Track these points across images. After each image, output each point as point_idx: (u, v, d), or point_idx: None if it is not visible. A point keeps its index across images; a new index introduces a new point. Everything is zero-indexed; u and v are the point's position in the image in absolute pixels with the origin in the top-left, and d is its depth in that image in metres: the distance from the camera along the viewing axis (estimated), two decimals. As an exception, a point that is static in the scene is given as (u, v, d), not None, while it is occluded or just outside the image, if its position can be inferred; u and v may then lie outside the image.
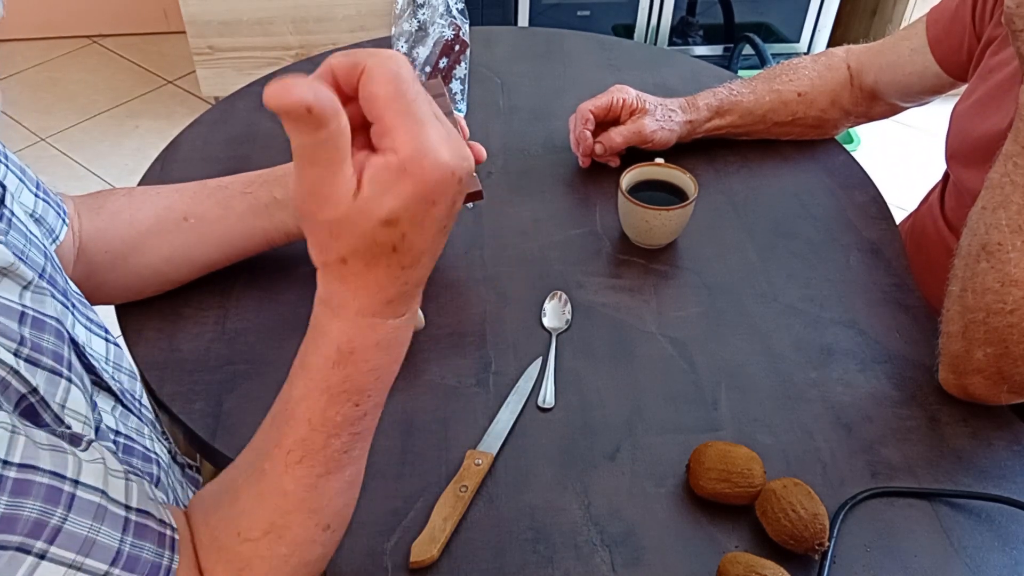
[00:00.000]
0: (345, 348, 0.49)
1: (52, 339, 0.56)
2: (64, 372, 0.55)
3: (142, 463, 0.65)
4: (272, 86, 0.38)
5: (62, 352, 0.56)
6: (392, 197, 0.43)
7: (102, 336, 0.69)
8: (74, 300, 0.66)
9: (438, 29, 1.10)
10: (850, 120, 1.10)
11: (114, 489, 0.49)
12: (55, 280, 0.64)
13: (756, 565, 0.62)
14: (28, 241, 0.63)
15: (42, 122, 2.51)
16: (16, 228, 0.63)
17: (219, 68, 2.36)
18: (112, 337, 0.70)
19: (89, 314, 0.68)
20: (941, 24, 0.97)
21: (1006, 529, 0.69)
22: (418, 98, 0.43)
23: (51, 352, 0.55)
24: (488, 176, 1.04)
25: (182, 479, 0.75)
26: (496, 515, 0.69)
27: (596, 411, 0.77)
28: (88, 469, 0.48)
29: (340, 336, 0.48)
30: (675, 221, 0.91)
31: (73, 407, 0.55)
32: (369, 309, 0.48)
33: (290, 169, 0.81)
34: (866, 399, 0.79)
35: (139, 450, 0.66)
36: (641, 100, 1.02)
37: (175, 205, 0.80)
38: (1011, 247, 0.72)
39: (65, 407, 0.54)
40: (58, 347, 0.56)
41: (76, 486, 0.47)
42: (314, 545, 0.54)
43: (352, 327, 0.48)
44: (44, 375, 0.53)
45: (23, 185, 0.70)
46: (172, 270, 0.82)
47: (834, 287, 0.90)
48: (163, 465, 0.69)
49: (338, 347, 0.49)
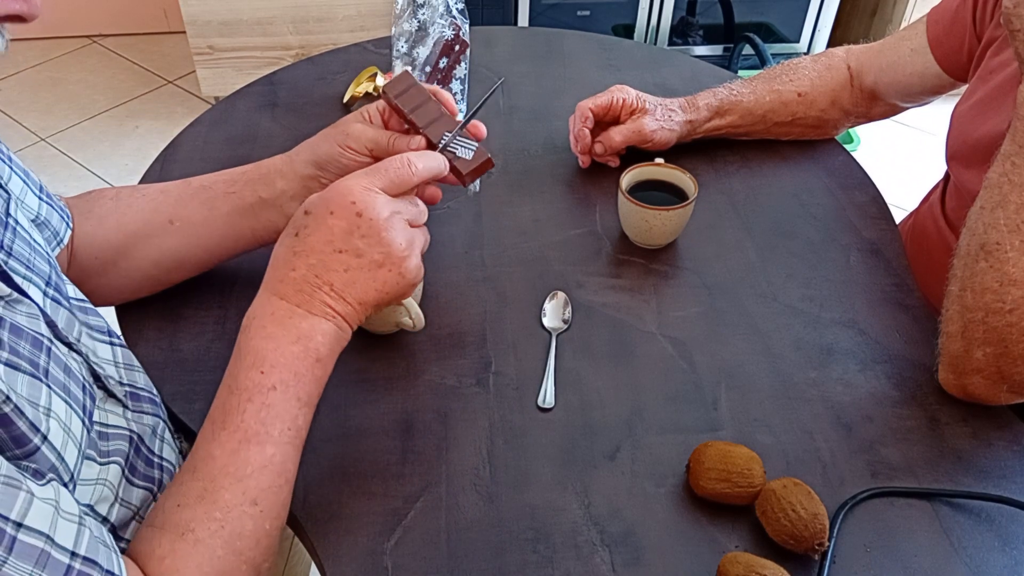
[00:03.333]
0: (248, 315, 0.62)
1: (28, 347, 0.54)
2: (41, 379, 0.54)
3: (145, 467, 0.65)
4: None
5: (38, 360, 0.54)
6: (315, 195, 0.63)
7: (107, 342, 0.68)
8: (77, 307, 0.66)
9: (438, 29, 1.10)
10: (850, 120, 1.10)
11: (62, 534, 0.48)
12: (60, 288, 0.64)
13: (756, 565, 0.62)
14: (32, 250, 0.63)
15: (42, 122, 2.51)
16: (20, 237, 0.62)
17: (219, 68, 2.36)
18: (117, 340, 0.70)
19: (90, 320, 0.67)
20: (942, 25, 0.97)
21: (1006, 529, 0.69)
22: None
23: (28, 359, 0.53)
24: (488, 176, 1.04)
25: None
26: (496, 515, 0.69)
27: (596, 411, 0.77)
28: (36, 510, 0.46)
29: (250, 307, 0.62)
30: (675, 221, 0.91)
31: (57, 412, 0.53)
32: (270, 286, 0.62)
33: (273, 165, 0.79)
34: (866, 399, 0.79)
35: (144, 453, 0.65)
36: (641, 100, 1.02)
37: (161, 208, 0.79)
38: (1009, 246, 0.72)
39: (50, 411, 0.53)
40: (35, 355, 0.54)
41: (19, 529, 0.45)
42: (244, 518, 0.57)
43: (257, 299, 0.62)
44: (26, 380, 0.52)
45: (27, 188, 0.70)
46: (162, 273, 0.82)
47: (834, 287, 0.90)
48: (167, 469, 0.68)
49: (246, 315, 0.62)
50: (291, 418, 0.60)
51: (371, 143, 0.75)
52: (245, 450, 0.58)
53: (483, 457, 0.73)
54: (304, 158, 0.78)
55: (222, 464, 0.58)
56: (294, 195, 0.78)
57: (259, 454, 0.58)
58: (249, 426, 0.58)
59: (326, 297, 0.61)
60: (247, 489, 0.57)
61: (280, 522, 0.61)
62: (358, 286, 0.62)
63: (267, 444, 0.58)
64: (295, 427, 0.60)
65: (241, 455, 0.58)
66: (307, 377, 0.61)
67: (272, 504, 0.59)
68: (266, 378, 0.59)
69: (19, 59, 2.74)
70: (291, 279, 0.61)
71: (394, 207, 0.64)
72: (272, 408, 0.59)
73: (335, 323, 0.62)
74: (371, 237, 0.62)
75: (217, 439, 0.58)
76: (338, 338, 0.63)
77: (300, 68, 1.24)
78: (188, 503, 0.57)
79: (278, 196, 0.78)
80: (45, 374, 0.54)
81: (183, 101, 2.61)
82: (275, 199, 0.78)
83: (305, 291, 0.61)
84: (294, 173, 0.78)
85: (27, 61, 2.73)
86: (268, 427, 0.59)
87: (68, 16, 2.80)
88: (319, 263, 0.61)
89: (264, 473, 0.58)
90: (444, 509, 0.69)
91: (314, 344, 0.61)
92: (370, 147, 0.75)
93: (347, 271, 0.61)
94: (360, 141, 0.75)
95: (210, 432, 0.59)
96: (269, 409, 0.59)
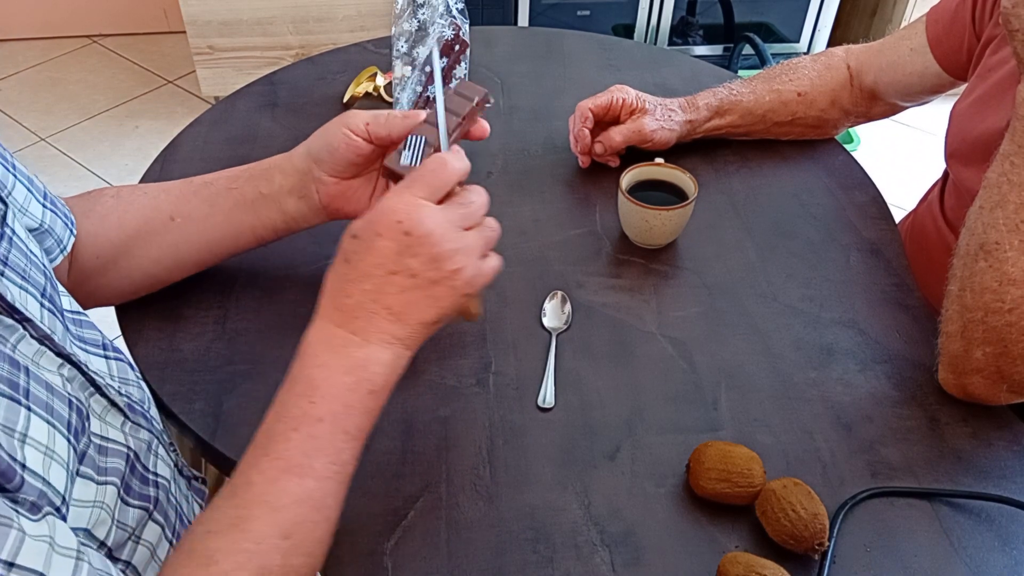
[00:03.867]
0: (304, 342, 0.60)
1: (7, 367, 0.52)
2: (21, 401, 0.51)
3: (140, 485, 0.64)
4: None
5: (17, 380, 0.52)
6: (359, 219, 0.60)
7: (100, 355, 0.67)
8: (70, 320, 0.65)
9: (438, 29, 1.10)
10: (850, 120, 1.10)
11: (57, 570, 0.46)
12: (54, 299, 0.63)
13: (756, 565, 0.62)
14: (29, 261, 0.62)
15: (42, 122, 2.51)
16: (17, 247, 0.61)
17: (219, 68, 2.36)
18: (111, 353, 0.69)
19: (82, 333, 0.66)
20: (941, 24, 0.97)
21: (1006, 529, 0.69)
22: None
23: (7, 381, 0.51)
24: (488, 176, 1.04)
25: (188, 492, 0.74)
26: (496, 515, 0.69)
27: (596, 411, 0.77)
28: (29, 548, 0.45)
29: (305, 335, 0.60)
30: (675, 221, 0.91)
31: (35, 436, 0.51)
32: (325, 313, 0.60)
33: (273, 161, 0.80)
34: (866, 399, 0.79)
35: (139, 470, 0.64)
36: (641, 100, 1.02)
37: (162, 205, 0.79)
38: (1008, 246, 0.72)
39: (27, 437, 0.50)
40: (13, 375, 0.52)
41: (10, 568, 0.44)
42: (273, 551, 0.55)
43: (313, 326, 0.60)
44: (3, 404, 0.50)
45: (31, 196, 0.69)
46: (162, 271, 0.81)
47: (834, 287, 0.90)
48: (162, 485, 0.67)
49: (302, 340, 0.60)
50: (336, 452, 0.58)
51: (369, 117, 0.75)
52: (284, 480, 0.56)
53: (483, 457, 0.73)
54: (301, 152, 0.79)
55: (259, 492, 0.56)
56: (291, 190, 0.78)
57: (298, 486, 0.56)
58: (292, 456, 0.56)
59: (384, 323, 0.59)
60: (280, 521, 0.55)
61: (314, 561, 0.58)
62: (417, 307, 0.60)
63: (308, 477, 0.56)
64: (340, 462, 0.58)
65: (280, 485, 0.56)
66: (357, 409, 0.59)
67: (305, 539, 0.57)
68: (315, 408, 0.57)
69: (19, 59, 2.74)
70: (346, 307, 0.59)
71: (442, 216, 0.60)
72: (318, 440, 0.57)
73: (393, 350, 0.60)
74: (422, 255, 0.59)
75: (258, 465, 0.57)
76: (395, 367, 0.61)
77: (300, 68, 1.24)
78: (219, 530, 0.55)
79: (276, 192, 0.78)
80: (26, 395, 0.52)
81: (183, 101, 2.61)
82: (274, 194, 0.79)
83: (361, 318, 0.59)
84: (292, 168, 0.78)
85: (27, 61, 2.73)
86: (311, 460, 0.57)
87: (68, 16, 2.80)
88: (373, 288, 0.58)
89: (301, 507, 0.56)
90: (444, 509, 0.69)
91: (368, 375, 0.59)
92: (367, 120, 0.75)
93: (403, 292, 0.59)
94: (358, 117, 0.75)
95: (253, 457, 0.57)
96: (314, 441, 0.57)
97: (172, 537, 0.66)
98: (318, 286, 0.83)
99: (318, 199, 0.78)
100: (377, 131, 0.74)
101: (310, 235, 0.85)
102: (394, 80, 1.11)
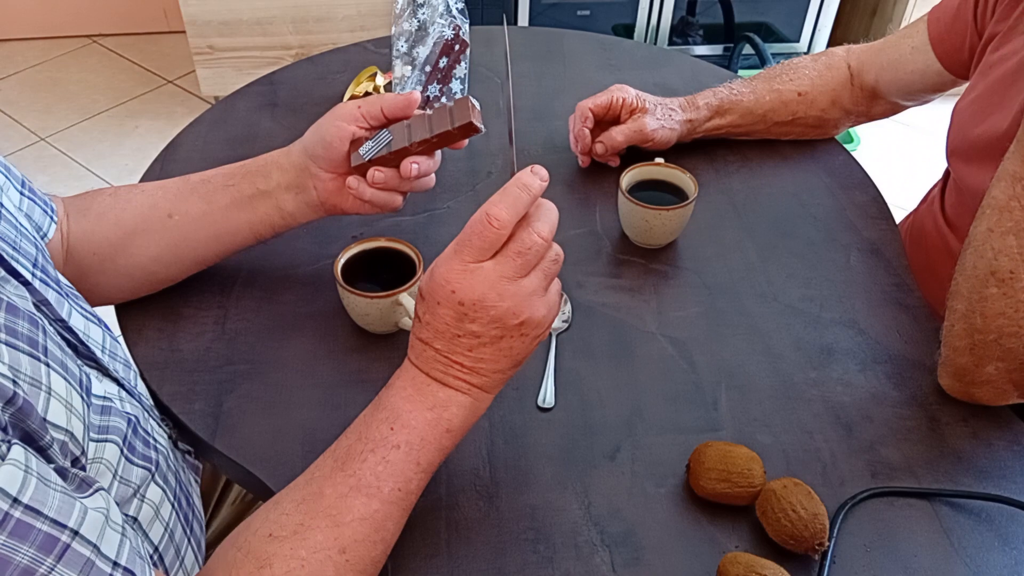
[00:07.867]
0: (396, 374, 0.63)
1: (26, 325, 0.54)
2: (40, 357, 0.54)
3: (143, 446, 0.65)
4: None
5: (36, 338, 0.55)
6: (424, 281, 0.61)
7: (98, 324, 0.68)
8: (66, 290, 0.66)
9: (438, 29, 1.10)
10: (850, 120, 1.10)
11: (107, 543, 0.49)
12: (47, 270, 0.64)
13: (756, 565, 0.62)
14: (19, 232, 0.63)
15: (42, 122, 2.51)
16: (7, 219, 0.63)
17: (219, 68, 2.36)
18: (108, 326, 0.70)
19: (82, 304, 0.68)
20: (943, 22, 0.97)
21: (1006, 529, 0.69)
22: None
23: (27, 338, 0.54)
24: (488, 176, 1.04)
25: (183, 464, 0.75)
26: (496, 515, 0.69)
27: (596, 411, 0.77)
28: (90, 519, 0.48)
29: (400, 367, 0.64)
30: (675, 221, 0.91)
31: (57, 390, 0.54)
32: (412, 354, 0.63)
33: (271, 157, 0.80)
34: (866, 399, 0.79)
35: (141, 432, 0.66)
36: (641, 99, 1.02)
37: (159, 203, 0.80)
38: None
39: (51, 390, 0.53)
40: (32, 332, 0.54)
41: (74, 537, 0.46)
42: (328, 563, 0.57)
43: (405, 362, 0.64)
44: (27, 360, 0.52)
45: (9, 183, 0.70)
46: (161, 269, 0.82)
47: (834, 287, 0.90)
48: (162, 450, 0.69)
49: (395, 373, 0.64)
50: (405, 480, 0.60)
51: (361, 101, 0.77)
52: (353, 497, 0.59)
53: (483, 457, 0.73)
54: (297, 148, 0.80)
55: (327, 504, 0.58)
56: (288, 186, 0.79)
57: (364, 506, 0.59)
58: (364, 476, 0.59)
59: (459, 374, 0.62)
60: (340, 536, 0.58)
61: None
62: (488, 361, 0.61)
63: (375, 499, 0.59)
64: (407, 489, 0.61)
65: (347, 501, 0.59)
66: (433, 445, 0.61)
67: (360, 557, 0.59)
68: (394, 435, 0.60)
69: (19, 59, 2.74)
70: (426, 358, 0.62)
71: (495, 275, 0.59)
72: (391, 465, 0.60)
73: (471, 396, 0.62)
74: (480, 319, 0.59)
75: (332, 479, 0.60)
76: (474, 410, 0.63)
77: (300, 68, 1.24)
78: (281, 535, 0.57)
79: (274, 188, 0.79)
80: (44, 352, 0.54)
81: (183, 101, 2.61)
82: (271, 191, 0.79)
83: (439, 369, 0.62)
84: (289, 164, 0.79)
85: (27, 61, 2.73)
86: (381, 482, 0.59)
87: (68, 16, 2.80)
88: (445, 347, 0.61)
89: (363, 525, 0.59)
90: (444, 509, 0.69)
91: (447, 415, 0.62)
92: (359, 104, 0.76)
93: (471, 351, 0.61)
94: (349, 106, 0.77)
95: (328, 468, 0.60)
96: (387, 465, 0.60)
97: (174, 501, 0.68)
98: (318, 286, 0.82)
99: (315, 195, 0.79)
100: (370, 109, 0.76)
101: (310, 235, 0.85)
102: (394, 80, 1.11)
